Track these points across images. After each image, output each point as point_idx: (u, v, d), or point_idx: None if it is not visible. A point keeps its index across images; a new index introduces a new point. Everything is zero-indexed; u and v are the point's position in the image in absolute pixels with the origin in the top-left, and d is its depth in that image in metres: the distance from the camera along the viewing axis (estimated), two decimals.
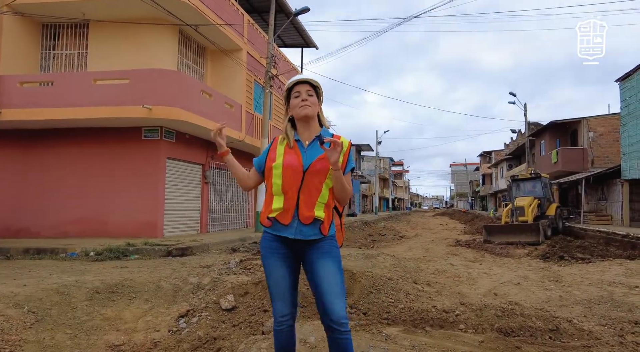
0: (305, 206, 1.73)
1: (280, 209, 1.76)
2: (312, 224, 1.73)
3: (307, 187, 1.74)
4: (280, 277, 1.80)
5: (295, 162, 1.77)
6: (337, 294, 1.70)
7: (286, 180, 1.76)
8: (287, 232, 1.76)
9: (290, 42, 17.53)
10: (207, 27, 9.94)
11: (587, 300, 4.34)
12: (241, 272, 5.12)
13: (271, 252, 1.82)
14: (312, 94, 1.83)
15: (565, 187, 20.88)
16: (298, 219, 1.73)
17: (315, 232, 1.74)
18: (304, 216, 1.72)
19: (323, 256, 1.75)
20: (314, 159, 1.75)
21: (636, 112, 15.10)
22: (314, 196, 1.74)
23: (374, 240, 14.76)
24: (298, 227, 1.73)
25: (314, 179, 1.74)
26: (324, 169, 1.73)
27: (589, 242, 11.97)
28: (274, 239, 1.82)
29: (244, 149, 12.61)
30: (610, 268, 7.13)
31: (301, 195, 1.73)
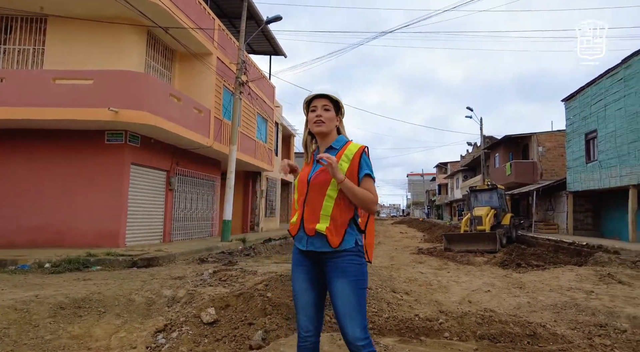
0: (308, 218, 1.73)
1: (294, 223, 1.81)
2: (317, 237, 1.71)
3: (310, 199, 1.74)
4: (301, 291, 1.78)
5: (304, 176, 1.81)
6: (350, 316, 1.65)
7: (298, 195, 1.81)
8: (300, 244, 1.77)
9: (259, 49, 17.45)
10: (178, 30, 9.66)
11: (553, 305, 4.62)
12: (217, 283, 4.97)
13: (296, 264, 1.84)
14: (329, 109, 1.82)
15: (517, 198, 22.19)
16: (304, 232, 1.74)
17: (323, 244, 1.70)
18: (307, 228, 1.73)
19: (338, 275, 1.70)
20: (314, 172, 1.77)
21: (579, 129, 16.40)
22: (316, 209, 1.73)
23: None
24: (308, 239, 1.73)
25: (316, 192, 1.73)
26: (325, 181, 1.72)
27: (540, 249, 12.76)
28: (298, 252, 1.83)
29: (211, 156, 12.32)
30: (563, 274, 7.61)
31: (306, 207, 1.75)
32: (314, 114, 1.82)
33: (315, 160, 1.78)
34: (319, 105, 1.82)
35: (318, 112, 1.81)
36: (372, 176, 1.76)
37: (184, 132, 9.44)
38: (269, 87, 17.29)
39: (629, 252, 9.83)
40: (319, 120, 1.80)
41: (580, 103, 16.21)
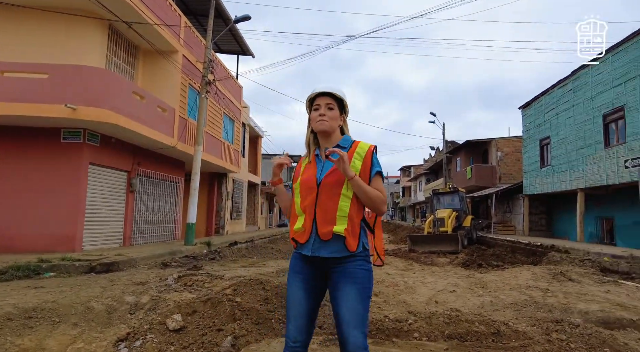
0: (323, 221, 1.63)
1: (300, 229, 1.70)
2: (333, 241, 1.63)
3: (323, 201, 1.65)
4: (296, 300, 1.70)
5: (311, 177, 1.71)
6: (355, 325, 1.58)
7: (303, 198, 1.70)
8: (305, 249, 1.68)
9: (227, 49, 17.16)
10: (142, 26, 9.30)
11: (514, 303, 4.82)
12: (183, 289, 4.80)
13: (294, 272, 1.75)
14: (333, 107, 1.76)
15: (478, 200, 23.10)
16: (317, 236, 1.64)
17: (339, 248, 1.63)
18: (322, 232, 1.63)
19: (345, 281, 1.63)
20: (325, 172, 1.69)
21: (534, 136, 17.34)
22: (331, 211, 1.64)
23: None
24: (315, 245, 1.64)
25: (329, 193, 1.65)
26: (338, 181, 1.65)
27: (499, 250, 13.32)
28: (299, 258, 1.74)
29: (175, 156, 11.93)
30: (521, 273, 7.97)
31: (318, 211, 1.64)
32: (317, 112, 1.76)
33: (324, 157, 1.71)
34: (323, 104, 1.76)
35: (321, 110, 1.75)
36: (382, 174, 1.72)
37: (147, 132, 9.09)
38: (236, 87, 17.03)
39: (577, 251, 10.46)
40: (322, 118, 1.74)
41: (535, 111, 17.16)
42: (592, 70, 13.17)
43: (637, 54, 11.15)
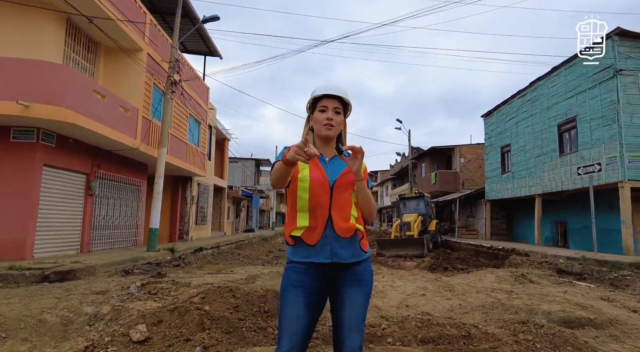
0: (340, 220, 1.59)
1: (306, 227, 1.59)
2: (352, 240, 1.60)
3: (338, 203, 1.61)
4: (294, 317, 1.57)
5: (321, 177, 1.63)
6: (356, 328, 1.56)
7: (314, 196, 1.60)
8: (319, 256, 1.58)
9: (193, 49, 16.73)
10: (104, 22, 8.87)
11: (482, 306, 4.94)
12: (147, 297, 4.55)
13: (294, 286, 1.59)
14: (340, 112, 1.68)
15: (442, 205, 23.76)
16: (334, 236, 1.57)
17: (355, 251, 1.61)
18: (342, 228, 1.58)
19: (354, 284, 1.60)
20: (339, 173, 1.64)
21: (495, 144, 18.09)
22: (347, 210, 1.62)
23: (276, 256, 14.62)
24: (334, 250, 1.57)
25: (343, 194, 1.62)
26: (351, 183, 1.63)
27: (463, 254, 13.74)
28: (302, 272, 1.60)
29: (137, 158, 11.44)
30: (486, 276, 8.23)
31: (333, 211, 1.59)
32: (324, 115, 1.65)
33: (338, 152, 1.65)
34: (331, 107, 1.66)
35: (329, 114, 1.65)
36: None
37: (108, 132, 8.65)
38: (203, 88, 16.63)
39: (536, 254, 10.95)
40: (329, 123, 1.65)
41: (497, 119, 17.92)
42: (548, 82, 13.93)
43: (586, 70, 11.91)
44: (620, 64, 10.77)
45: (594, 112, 11.54)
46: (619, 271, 8.37)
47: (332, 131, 1.65)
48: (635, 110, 10.68)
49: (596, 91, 11.45)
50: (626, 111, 10.63)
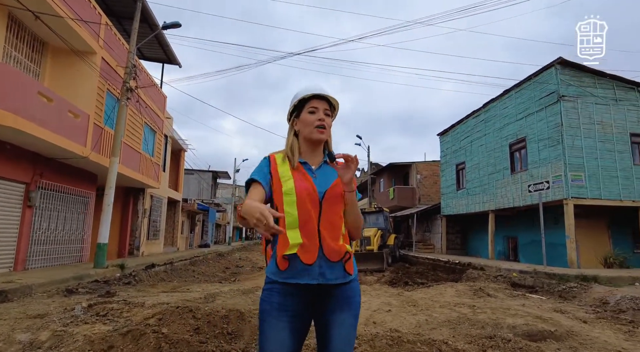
0: (329, 239, 1.41)
1: (301, 244, 1.40)
2: (339, 262, 1.43)
3: (328, 216, 1.43)
4: (279, 343, 1.39)
5: (310, 188, 1.45)
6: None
7: (303, 210, 1.42)
8: (307, 277, 1.40)
9: (151, 56, 16.11)
10: (53, 20, 8.27)
11: (448, 321, 4.94)
12: (95, 320, 4.11)
13: (277, 310, 1.41)
14: (330, 114, 1.56)
15: (399, 220, 24.24)
16: (324, 257, 1.40)
17: (341, 273, 1.44)
18: (332, 250, 1.41)
19: (342, 307, 1.44)
20: (330, 183, 1.47)
21: (451, 161, 18.84)
22: (337, 227, 1.44)
23: (234, 273, 14.09)
24: (321, 270, 1.40)
25: (334, 208, 1.45)
26: (340, 195, 1.46)
27: (422, 268, 13.98)
28: (288, 293, 1.42)
29: (86, 168, 10.65)
30: (446, 290, 8.35)
31: (322, 228, 1.41)
32: (314, 116, 1.51)
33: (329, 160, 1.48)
34: (321, 109, 1.53)
35: (321, 115, 1.52)
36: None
37: (54, 139, 7.97)
38: (160, 96, 15.98)
39: (491, 268, 11.35)
40: (322, 124, 1.51)
41: (452, 138, 18.70)
42: (500, 103, 14.79)
43: (534, 93, 12.79)
44: (563, 90, 11.64)
45: (541, 133, 12.34)
46: (566, 283, 8.83)
47: (325, 134, 1.52)
48: (576, 133, 11.54)
49: (543, 114, 12.28)
50: (569, 134, 11.45)
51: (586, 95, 11.82)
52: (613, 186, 11.55)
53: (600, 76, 12.09)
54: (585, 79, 11.96)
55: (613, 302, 7.27)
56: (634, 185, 11.77)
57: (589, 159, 11.47)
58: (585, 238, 12.07)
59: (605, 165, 11.59)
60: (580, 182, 11.16)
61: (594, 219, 12.44)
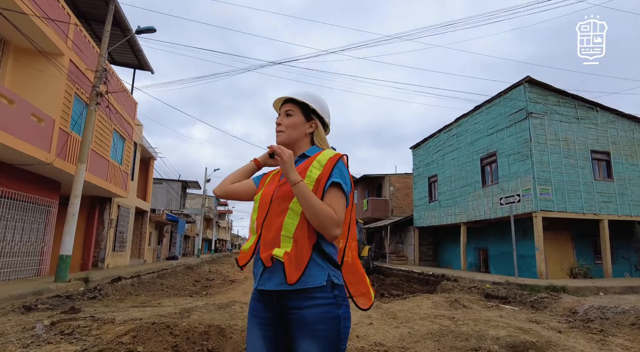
0: (264, 242, 1.30)
1: (246, 250, 1.38)
2: (276, 268, 1.25)
3: (269, 217, 1.33)
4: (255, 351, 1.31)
5: (269, 190, 1.42)
6: None
7: (258, 214, 1.39)
8: (255, 281, 1.35)
9: (122, 61, 15.59)
10: (18, 17, 7.83)
11: (431, 333, 4.90)
12: (60, 339, 3.78)
13: (251, 315, 1.38)
14: (292, 114, 1.50)
15: (372, 231, 24.35)
16: (260, 261, 1.31)
17: (279, 280, 1.24)
18: (262, 256, 1.28)
19: (302, 334, 1.21)
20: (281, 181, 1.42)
21: (423, 174, 19.20)
22: (275, 229, 1.28)
23: (204, 286, 13.63)
24: (265, 275, 1.30)
25: (277, 207, 1.32)
26: (289, 193, 1.31)
27: (396, 279, 14.02)
28: (255, 299, 1.38)
29: (49, 175, 10.05)
30: (423, 302, 8.37)
31: (263, 229, 1.32)
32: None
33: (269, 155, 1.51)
34: (282, 112, 1.53)
35: (278, 119, 1.53)
36: (342, 187, 1.30)
37: (14, 143, 7.47)
38: (131, 102, 15.44)
39: (464, 279, 11.53)
40: (277, 129, 1.52)
41: (424, 151, 19.10)
42: (471, 119, 15.27)
43: (504, 110, 13.30)
44: (531, 107, 12.18)
45: (511, 148, 12.80)
46: (538, 293, 9.07)
47: (280, 137, 1.49)
48: (543, 148, 12.05)
49: (512, 130, 12.76)
50: (537, 149, 11.94)
51: (552, 112, 12.41)
52: (576, 200, 12.09)
53: (563, 95, 12.74)
54: (551, 98, 12.57)
55: (582, 312, 7.52)
56: (595, 199, 12.38)
57: (555, 174, 11.99)
58: (552, 250, 12.52)
59: (570, 179, 12.14)
60: (548, 196, 11.61)
61: (559, 232, 12.96)
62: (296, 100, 1.52)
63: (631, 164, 13.23)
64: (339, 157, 1.37)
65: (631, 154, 13.32)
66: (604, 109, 13.22)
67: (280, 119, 1.51)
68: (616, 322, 6.72)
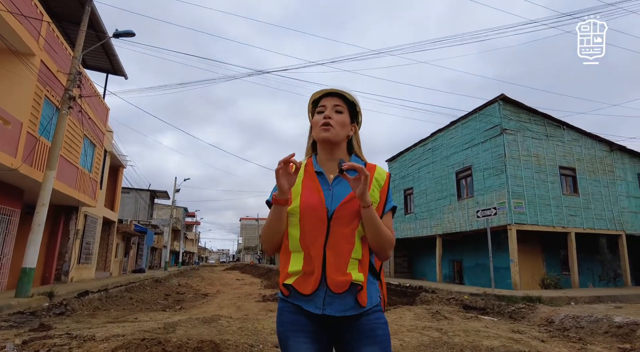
0: (335, 266, 1.22)
1: (299, 273, 1.26)
2: (347, 293, 1.23)
3: (335, 239, 1.24)
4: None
5: (317, 203, 1.27)
6: None
7: (305, 230, 1.26)
8: (310, 305, 1.25)
9: (94, 64, 15.02)
10: None
11: (424, 345, 4.86)
12: None
13: (295, 330, 1.25)
14: (342, 111, 1.38)
15: None
16: (327, 287, 1.22)
17: (352, 305, 1.23)
18: (335, 281, 1.22)
19: (365, 343, 1.23)
20: (342, 198, 1.27)
21: (399, 186, 19.49)
22: (345, 252, 1.23)
23: (177, 300, 13.08)
24: (327, 299, 1.22)
25: (344, 228, 1.24)
26: (356, 212, 1.25)
27: None
28: (297, 312, 1.27)
29: (11, 182, 9.41)
30: (404, 314, 8.35)
31: (328, 251, 1.23)
32: (321, 115, 1.37)
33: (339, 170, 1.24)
34: (329, 105, 1.38)
35: (327, 112, 1.36)
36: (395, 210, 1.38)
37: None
38: (103, 108, 14.86)
39: (442, 291, 11.66)
40: (326, 122, 1.34)
41: (400, 164, 19.44)
42: (447, 133, 15.71)
43: (479, 126, 13.78)
44: (505, 124, 12.68)
45: (486, 163, 13.23)
46: (515, 304, 9.28)
47: (330, 132, 1.34)
48: (516, 163, 12.54)
49: (487, 145, 13.22)
50: (511, 164, 12.40)
51: (524, 129, 12.97)
52: (547, 213, 12.60)
53: (534, 113, 13.37)
54: (523, 115, 13.15)
55: (558, 321, 7.74)
56: (563, 212, 12.95)
57: (527, 188, 12.47)
58: (524, 261, 12.93)
59: (540, 194, 12.66)
60: (521, 209, 12.04)
61: (530, 244, 13.42)
62: (346, 98, 1.40)
63: (594, 180, 13.98)
64: (389, 178, 1.39)
65: (594, 171, 14.10)
66: (569, 127, 13.97)
67: (330, 112, 1.37)
68: (591, 331, 6.94)
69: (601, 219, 13.70)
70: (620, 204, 14.20)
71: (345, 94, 1.39)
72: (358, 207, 1.24)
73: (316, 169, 1.36)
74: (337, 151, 1.39)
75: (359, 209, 1.24)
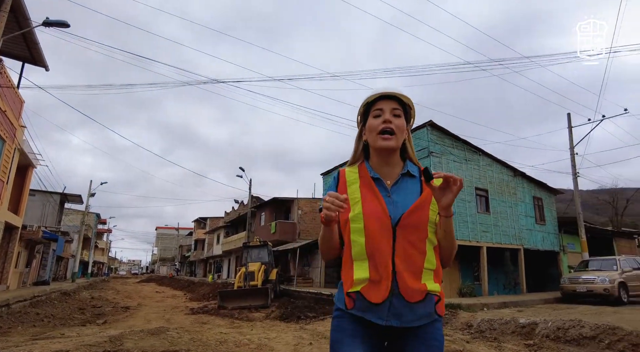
0: (407, 275, 1.21)
1: (365, 281, 1.23)
2: (420, 303, 1.23)
3: (403, 247, 1.22)
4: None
5: (380, 211, 1.25)
6: None
7: (371, 237, 1.23)
8: (375, 316, 1.23)
9: (10, 51, 13.42)
10: None
11: None
12: None
13: (352, 337, 1.25)
14: (400, 114, 1.32)
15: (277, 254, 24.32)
16: (399, 296, 1.21)
17: (425, 314, 1.24)
18: (411, 289, 1.21)
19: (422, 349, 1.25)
20: (408, 206, 1.25)
21: None
22: (418, 261, 1.23)
23: (96, 314, 12.09)
24: (393, 309, 1.21)
25: (411, 237, 1.23)
26: (424, 221, 1.24)
27: (305, 302, 14.18)
28: (356, 322, 1.26)
29: None
30: None
31: (397, 260, 1.21)
32: (379, 119, 1.30)
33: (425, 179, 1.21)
34: (387, 109, 1.30)
35: (386, 116, 1.29)
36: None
37: None
38: (17, 100, 13.34)
39: None
40: (387, 127, 1.28)
41: None
42: None
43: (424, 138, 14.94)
44: (432, 147, 13.94)
45: None
46: None
47: (392, 140, 1.29)
48: None
49: None
50: None
51: (448, 153, 14.38)
52: (464, 229, 14.03)
53: (456, 139, 14.89)
54: (446, 140, 14.58)
55: (475, 325, 8.70)
56: (477, 228, 14.53)
57: None
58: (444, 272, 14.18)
59: (459, 211, 14.06)
60: None
61: None
62: (402, 101, 1.34)
63: (502, 201, 15.92)
64: None
65: (501, 192, 16.05)
66: (484, 154, 15.79)
67: (390, 117, 1.29)
68: (502, 332, 7.94)
69: (506, 235, 15.60)
70: (520, 222, 16.32)
71: (401, 97, 1.34)
72: (426, 217, 1.24)
73: (372, 175, 1.31)
74: (394, 156, 1.34)
75: (426, 219, 1.24)
